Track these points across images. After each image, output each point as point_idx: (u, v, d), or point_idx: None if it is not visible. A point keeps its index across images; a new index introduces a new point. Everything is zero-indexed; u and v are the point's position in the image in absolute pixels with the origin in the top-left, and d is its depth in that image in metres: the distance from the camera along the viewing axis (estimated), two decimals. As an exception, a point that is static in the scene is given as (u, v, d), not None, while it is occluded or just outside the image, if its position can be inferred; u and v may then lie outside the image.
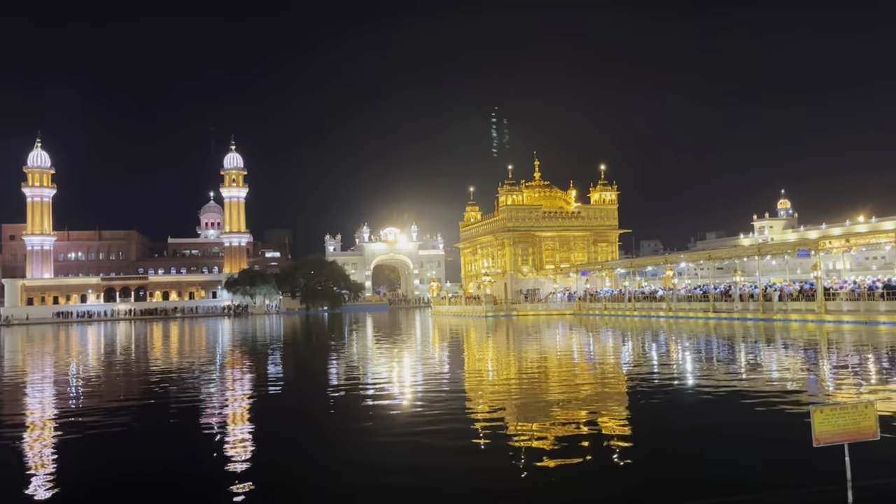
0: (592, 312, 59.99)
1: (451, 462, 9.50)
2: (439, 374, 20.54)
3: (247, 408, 15.33)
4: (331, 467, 9.62)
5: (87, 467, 10.10)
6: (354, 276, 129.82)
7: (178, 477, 9.36)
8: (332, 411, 14.69)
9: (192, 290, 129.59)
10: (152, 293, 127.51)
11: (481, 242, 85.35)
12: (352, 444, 11.03)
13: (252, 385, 19.56)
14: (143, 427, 13.36)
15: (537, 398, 15.02)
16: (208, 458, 10.38)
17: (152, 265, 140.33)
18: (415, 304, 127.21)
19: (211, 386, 19.30)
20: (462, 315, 70.00)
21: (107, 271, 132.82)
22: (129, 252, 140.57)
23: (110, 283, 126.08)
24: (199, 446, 11.25)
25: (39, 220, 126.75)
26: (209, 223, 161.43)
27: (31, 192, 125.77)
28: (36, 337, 56.32)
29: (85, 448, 11.44)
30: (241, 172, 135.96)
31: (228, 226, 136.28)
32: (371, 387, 17.76)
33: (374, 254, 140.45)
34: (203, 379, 21.14)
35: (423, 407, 14.17)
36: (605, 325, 44.63)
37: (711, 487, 7.89)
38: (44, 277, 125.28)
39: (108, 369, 26.30)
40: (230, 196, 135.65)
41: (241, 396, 17.19)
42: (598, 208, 79.04)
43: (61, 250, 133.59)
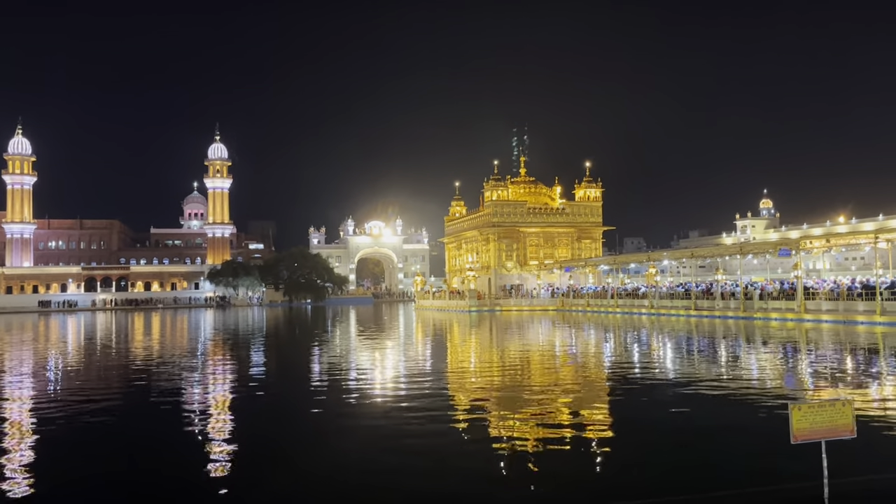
0: (575, 308, 60.22)
1: (430, 453, 9.47)
2: (422, 368, 20.52)
3: (227, 399, 15.22)
4: (313, 458, 9.56)
5: (62, 461, 9.98)
6: (338, 269, 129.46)
7: (155, 469, 9.28)
8: (314, 402, 14.60)
9: (174, 280, 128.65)
10: (134, 283, 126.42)
11: (466, 237, 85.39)
12: (333, 436, 10.97)
13: (233, 376, 19.42)
14: (121, 419, 13.23)
15: (519, 391, 15.04)
16: (187, 451, 10.28)
17: (134, 255, 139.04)
18: (399, 298, 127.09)
19: (192, 377, 19.14)
20: (446, 310, 70.04)
21: (88, 261, 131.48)
22: (111, 242, 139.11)
23: (91, 273, 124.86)
24: (178, 439, 11.13)
25: (19, 208, 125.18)
26: (192, 214, 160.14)
27: (11, 180, 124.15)
28: (14, 325, 55.63)
29: (60, 441, 11.30)
30: (225, 163, 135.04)
31: (212, 217, 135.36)
32: (353, 379, 17.70)
33: (358, 247, 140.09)
34: (184, 370, 20.96)
35: (406, 399, 14.14)
36: (587, 321, 44.82)
37: (689, 481, 7.93)
38: (23, 266, 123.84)
39: (88, 359, 26.03)
40: (214, 187, 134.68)
41: (222, 388, 17.07)
42: (582, 205, 79.32)
43: (42, 239, 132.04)
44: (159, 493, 8.18)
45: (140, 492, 8.22)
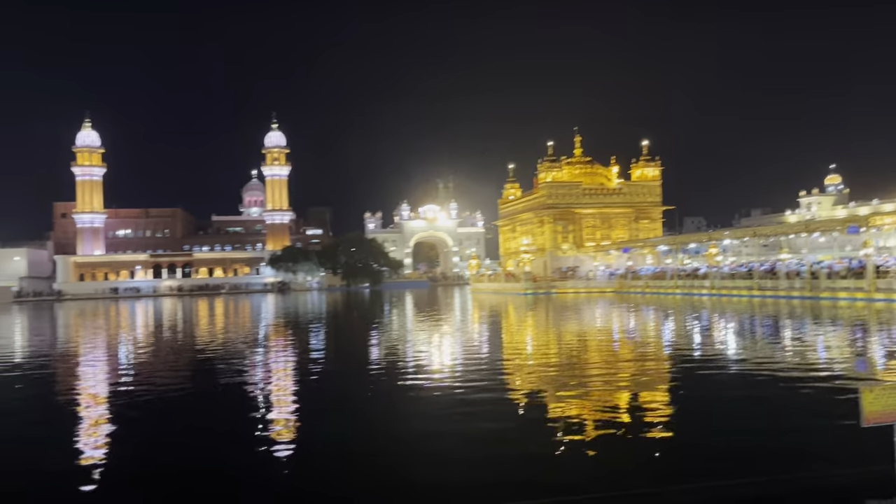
0: (634, 290, 59.36)
1: (489, 435, 9.54)
2: (479, 349, 20.60)
3: (290, 382, 15.59)
4: (370, 441, 9.74)
5: (133, 442, 10.42)
6: (394, 253, 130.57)
7: (218, 452, 9.60)
8: (373, 385, 14.82)
9: (235, 266, 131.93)
10: (197, 269, 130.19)
11: (521, 220, 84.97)
12: (391, 419, 11.15)
13: (295, 359, 19.85)
14: (189, 401, 13.72)
15: (577, 373, 14.97)
16: (250, 432, 10.59)
17: (197, 242, 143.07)
18: (454, 282, 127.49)
19: (256, 360, 19.65)
20: (501, 292, 69.94)
21: (154, 248, 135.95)
22: (175, 229, 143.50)
23: (157, 260, 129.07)
24: (240, 421, 11.47)
25: (89, 199, 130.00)
26: (252, 201, 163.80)
27: (81, 171, 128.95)
28: (87, 311, 58.07)
29: (130, 421, 11.79)
30: (282, 151, 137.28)
31: (271, 204, 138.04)
32: (411, 361, 17.90)
33: (413, 231, 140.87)
34: (251, 353, 21.52)
35: (463, 382, 14.22)
36: (646, 302, 44.16)
37: (754, 465, 7.79)
38: (94, 254, 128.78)
39: (159, 343, 27.01)
40: (272, 174, 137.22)
41: (285, 370, 17.49)
42: (640, 185, 77.94)
43: (111, 227, 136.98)
44: (224, 475, 8.46)
45: (205, 475, 8.53)
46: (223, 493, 7.65)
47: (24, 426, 11.48)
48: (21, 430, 11.11)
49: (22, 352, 25.19)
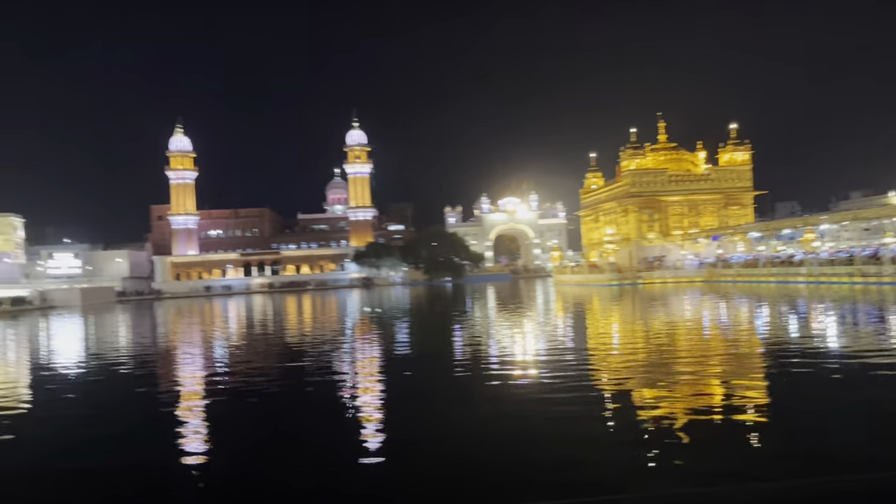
0: (724, 279, 57.30)
1: (575, 433, 9.37)
2: (565, 341, 20.32)
3: (377, 374, 15.81)
4: (456, 434, 9.73)
5: (226, 434, 10.78)
6: (475, 246, 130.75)
7: (305, 445, 9.81)
8: (458, 377, 14.82)
9: (321, 263, 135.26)
10: (285, 267, 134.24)
11: (603, 209, 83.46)
12: (476, 413, 11.10)
13: (382, 353, 20.11)
14: (280, 394, 14.11)
15: (667, 368, 14.52)
16: (339, 425, 10.77)
17: (284, 240, 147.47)
18: (535, 274, 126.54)
19: (346, 354, 20.04)
20: (585, 284, 68.87)
21: (244, 247, 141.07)
22: (263, 228, 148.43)
23: (247, 259, 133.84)
24: (328, 415, 11.68)
25: (183, 201, 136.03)
26: (335, 199, 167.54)
27: (175, 175, 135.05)
28: (185, 309, 60.84)
29: (226, 419, 12.21)
30: (364, 149, 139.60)
31: (354, 201, 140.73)
32: (497, 355, 17.83)
33: (493, 224, 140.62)
34: (341, 345, 21.96)
35: (551, 378, 14.04)
36: (738, 291, 42.53)
37: (851, 464, 7.33)
38: (188, 254, 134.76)
39: (251, 337, 27.97)
40: (354, 172, 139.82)
41: (372, 363, 17.74)
42: (728, 169, 75.15)
43: (203, 228, 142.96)
44: (315, 468, 8.63)
45: (296, 470, 8.72)
46: (310, 490, 7.80)
47: (132, 423, 12.06)
48: (128, 428, 11.67)
49: (130, 348, 26.57)
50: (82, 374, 18.90)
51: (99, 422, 11.93)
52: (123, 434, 10.82)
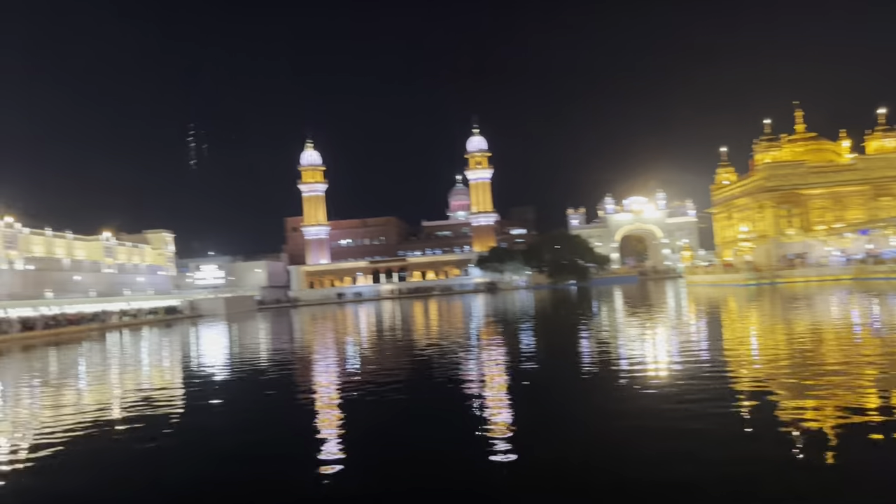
0: (876, 276, 52.91)
1: (711, 437, 8.98)
2: (699, 346, 19.51)
3: (504, 379, 15.83)
4: (584, 441, 9.59)
5: (361, 434, 11.17)
6: (600, 248, 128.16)
7: (437, 443, 9.98)
8: (585, 383, 14.59)
9: (446, 268, 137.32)
10: (411, 273, 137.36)
11: (737, 205, 79.48)
12: (604, 420, 10.89)
13: (508, 357, 20.11)
14: (410, 397, 14.45)
15: (812, 377, 13.58)
16: (468, 429, 10.89)
17: (409, 247, 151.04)
18: (665, 275, 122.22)
19: (475, 356, 20.22)
20: (719, 284, 65.74)
21: (372, 255, 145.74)
22: (390, 236, 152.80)
23: (376, 266, 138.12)
24: (458, 418, 11.83)
25: (314, 213, 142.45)
26: (458, 205, 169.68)
27: (306, 188, 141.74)
28: (321, 316, 63.62)
29: (356, 416, 12.66)
30: (485, 154, 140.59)
31: (475, 206, 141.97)
32: (624, 359, 17.39)
33: (618, 225, 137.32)
34: (468, 350, 22.20)
35: (680, 383, 13.53)
36: (893, 290, 39.15)
37: None
38: (321, 263, 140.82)
39: (381, 342, 28.84)
40: (475, 178, 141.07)
41: (498, 368, 17.80)
42: (878, 158, 69.50)
43: (334, 238, 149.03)
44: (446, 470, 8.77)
45: (429, 471, 8.90)
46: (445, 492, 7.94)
47: (274, 427, 12.77)
48: (269, 433, 12.36)
49: (275, 354, 28.13)
50: (232, 378, 20.22)
51: (248, 425, 12.73)
52: (269, 439, 11.48)
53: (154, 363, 28.25)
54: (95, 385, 21.32)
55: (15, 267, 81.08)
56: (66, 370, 27.47)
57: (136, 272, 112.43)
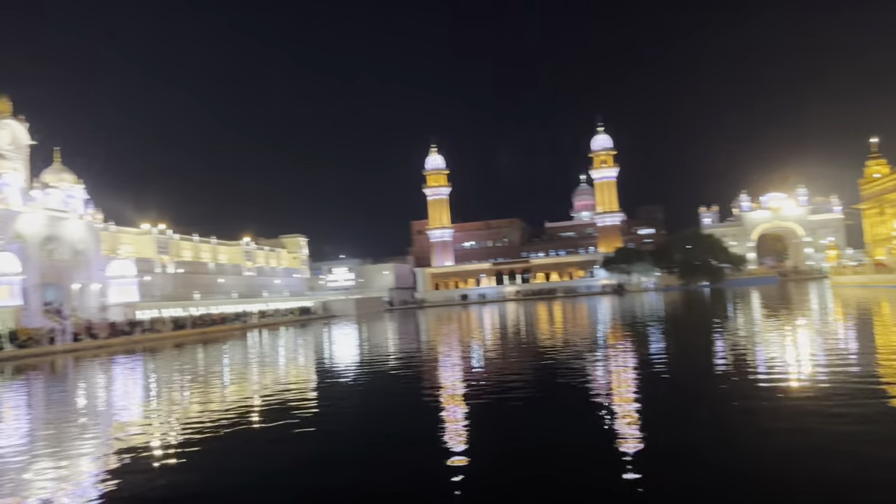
0: None
1: (859, 448, 8.33)
2: (847, 354, 18.14)
3: (633, 384, 15.43)
4: (719, 447, 9.18)
5: (485, 435, 11.23)
6: (735, 248, 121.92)
7: (567, 447, 9.86)
8: (723, 390, 13.92)
9: (570, 270, 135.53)
10: (535, 274, 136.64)
11: (890, 200, 73.35)
12: (744, 428, 10.36)
13: (637, 361, 19.58)
14: (536, 398, 14.38)
15: None
16: (598, 433, 10.70)
17: (533, 249, 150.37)
18: (807, 276, 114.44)
19: (598, 360, 19.86)
20: (870, 286, 60.70)
21: (495, 256, 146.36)
22: (513, 238, 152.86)
23: (499, 268, 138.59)
24: (588, 421, 11.64)
25: (438, 216, 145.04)
26: (582, 205, 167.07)
27: (431, 192, 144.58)
28: (448, 317, 64.63)
29: (484, 411, 12.74)
30: (610, 153, 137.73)
31: (601, 206, 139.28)
32: (763, 365, 16.46)
33: (754, 223, 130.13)
34: (592, 354, 21.85)
35: (826, 393, 12.62)
36: None
37: None
38: (445, 265, 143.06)
39: (506, 343, 28.90)
40: (600, 177, 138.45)
41: (627, 373, 17.36)
42: None
43: (457, 240, 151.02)
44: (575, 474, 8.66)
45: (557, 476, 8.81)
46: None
47: (405, 421, 13.11)
48: (402, 426, 12.70)
49: (406, 352, 28.91)
50: (364, 375, 20.97)
51: (383, 417, 13.17)
52: (398, 431, 11.81)
53: (292, 360, 29.79)
54: (240, 380, 22.76)
55: (167, 270, 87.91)
56: (213, 366, 29.51)
57: (274, 275, 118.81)
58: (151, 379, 26.09)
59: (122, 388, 23.76)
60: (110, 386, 24.89)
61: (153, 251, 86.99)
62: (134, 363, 33.78)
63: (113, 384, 25.44)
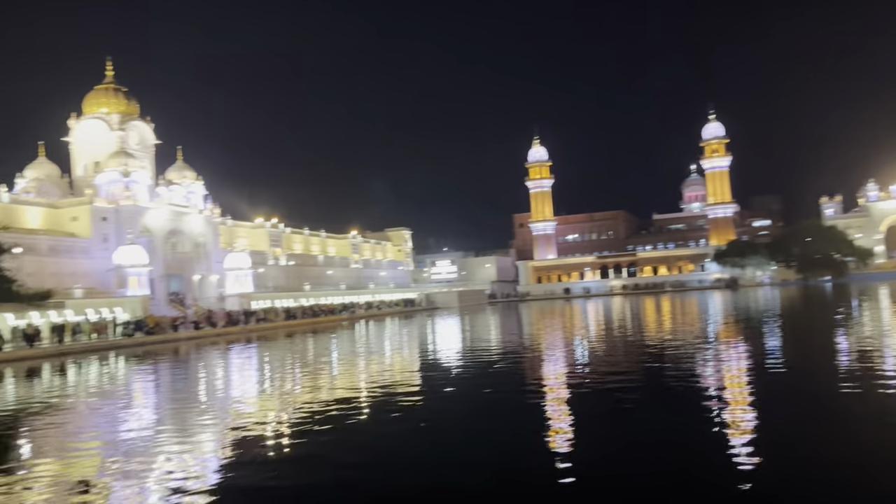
0: None
1: None
2: None
3: (747, 384, 14.77)
4: (848, 452, 8.62)
5: (596, 430, 11.04)
6: (860, 240, 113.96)
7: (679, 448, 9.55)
8: (845, 392, 13.07)
9: (679, 264, 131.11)
10: (641, 268, 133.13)
11: None
12: (866, 429, 9.69)
13: (751, 360, 18.72)
14: (643, 398, 14.02)
15: None
16: (711, 432, 10.30)
17: (640, 242, 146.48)
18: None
19: (708, 358, 19.15)
20: None
21: (599, 250, 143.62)
22: (618, 230, 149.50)
23: (603, 261, 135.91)
24: (699, 420, 11.24)
25: (541, 208, 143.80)
26: (692, 196, 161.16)
27: (533, 184, 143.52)
28: (546, 310, 64.12)
29: (597, 420, 12.53)
30: (722, 141, 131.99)
31: (712, 197, 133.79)
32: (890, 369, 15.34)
33: (883, 214, 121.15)
34: (702, 351, 21.10)
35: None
36: None
37: None
38: (548, 258, 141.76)
39: (611, 339, 28.34)
40: (711, 167, 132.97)
41: (740, 371, 16.64)
42: None
43: (560, 233, 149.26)
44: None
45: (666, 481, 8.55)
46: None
47: (511, 418, 13.10)
48: (508, 423, 12.70)
49: (508, 345, 28.94)
50: (468, 367, 21.14)
51: (482, 414, 13.24)
52: (505, 428, 11.83)
53: (398, 351, 30.44)
54: (349, 368, 23.49)
55: (279, 263, 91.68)
56: (323, 355, 30.58)
57: (379, 267, 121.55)
58: (266, 366, 27.35)
59: (240, 375, 25.04)
60: (229, 372, 26.30)
61: (266, 244, 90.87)
62: (250, 351, 35.51)
63: (231, 371, 26.87)
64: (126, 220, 62.20)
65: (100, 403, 18.87)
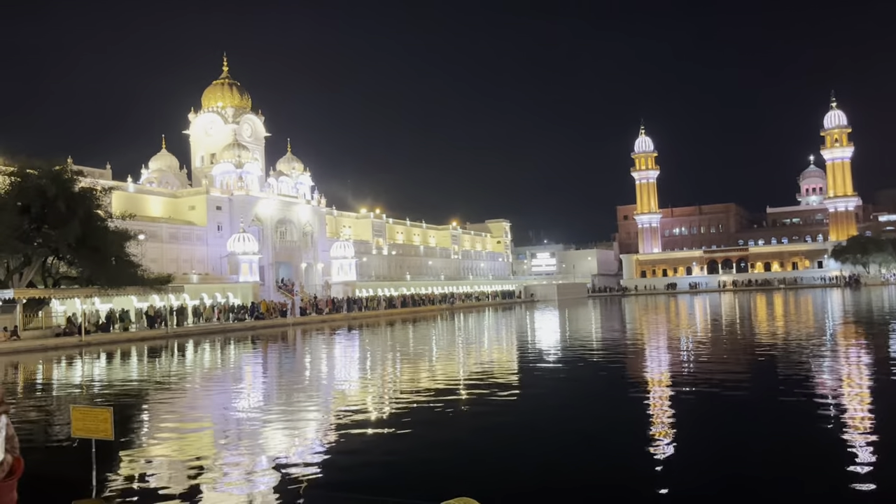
0: None
1: None
2: None
3: (864, 387, 13.79)
4: None
5: (697, 430, 10.60)
6: None
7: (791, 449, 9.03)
8: None
9: (794, 259, 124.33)
10: (753, 264, 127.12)
11: None
12: None
13: (868, 362, 17.47)
14: (752, 397, 13.37)
15: None
16: (824, 435, 9.68)
17: (751, 236, 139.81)
18: None
19: (824, 360, 18.04)
20: None
21: (708, 244, 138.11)
22: (728, 224, 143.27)
23: (712, 256, 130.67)
24: (811, 423, 10.59)
25: (646, 200, 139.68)
26: (809, 189, 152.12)
27: (639, 176, 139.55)
28: (649, 305, 62.35)
29: (693, 411, 12.04)
30: (844, 130, 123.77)
31: (832, 190, 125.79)
32: None
33: None
34: (817, 353, 19.92)
35: None
36: None
37: None
38: (653, 252, 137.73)
39: (718, 336, 27.23)
40: (832, 158, 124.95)
41: (857, 374, 15.56)
42: None
43: (666, 226, 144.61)
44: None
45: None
46: None
47: (608, 415, 12.83)
48: (605, 422, 12.43)
49: (609, 341, 28.38)
50: (566, 363, 20.87)
51: (579, 414, 13.01)
52: (599, 426, 11.58)
53: (495, 342, 30.44)
54: (446, 358, 23.69)
55: (382, 252, 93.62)
56: (422, 343, 31.00)
57: (479, 258, 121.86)
58: (368, 353, 28.02)
59: (344, 360, 25.78)
60: (333, 357, 27.12)
61: (369, 234, 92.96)
62: (353, 338, 36.48)
63: (335, 355, 27.70)
64: (239, 210, 65.17)
65: (218, 383, 19.93)
